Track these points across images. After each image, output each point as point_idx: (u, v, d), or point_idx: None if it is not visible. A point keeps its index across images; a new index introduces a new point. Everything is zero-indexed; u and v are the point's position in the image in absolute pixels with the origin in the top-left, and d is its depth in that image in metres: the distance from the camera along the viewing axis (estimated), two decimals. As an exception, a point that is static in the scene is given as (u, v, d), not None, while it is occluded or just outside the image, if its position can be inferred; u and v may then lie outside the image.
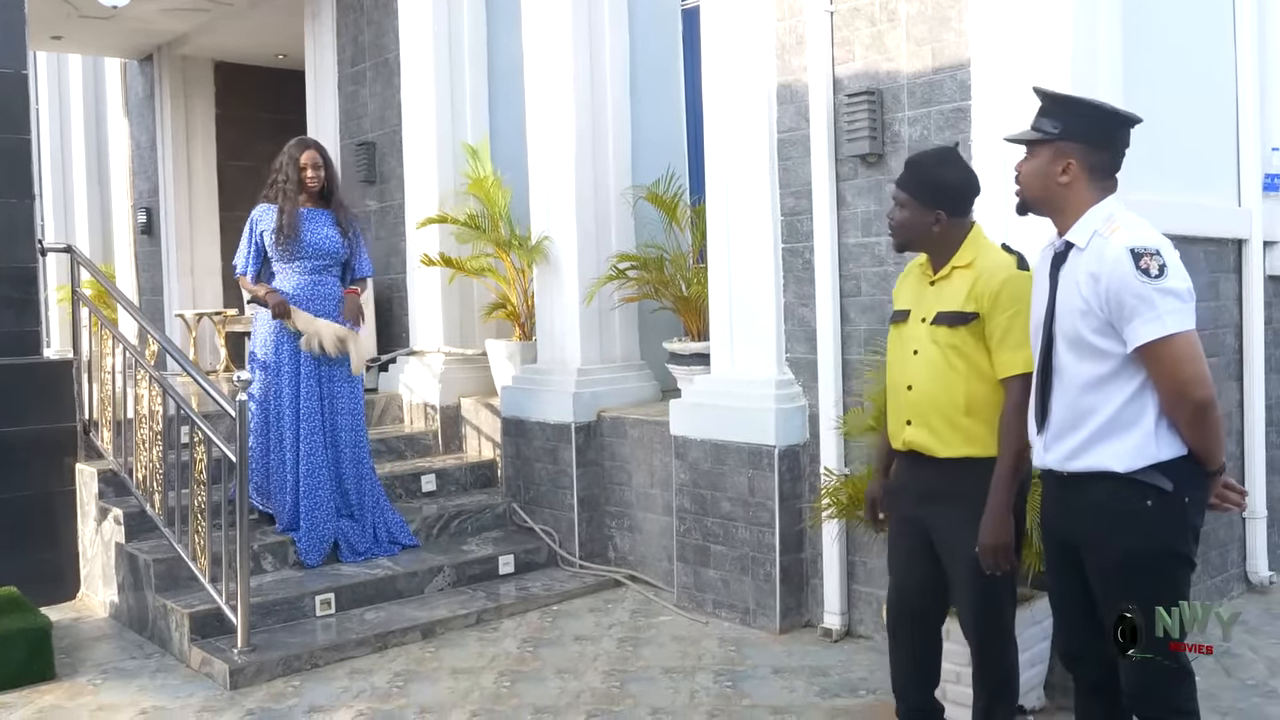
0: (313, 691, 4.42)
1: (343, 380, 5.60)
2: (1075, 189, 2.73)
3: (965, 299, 3.14)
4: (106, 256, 11.62)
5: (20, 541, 5.51)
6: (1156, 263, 2.54)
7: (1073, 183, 2.73)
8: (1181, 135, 4.90)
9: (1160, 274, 2.53)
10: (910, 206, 3.23)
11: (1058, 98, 2.81)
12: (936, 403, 3.18)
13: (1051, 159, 2.74)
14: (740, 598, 5.08)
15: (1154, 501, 2.62)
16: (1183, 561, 2.71)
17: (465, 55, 7.00)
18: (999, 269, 3.14)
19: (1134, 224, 2.67)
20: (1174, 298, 2.54)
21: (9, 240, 5.77)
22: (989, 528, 3.06)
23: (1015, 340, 3.03)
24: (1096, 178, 2.73)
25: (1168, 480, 2.60)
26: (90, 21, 9.04)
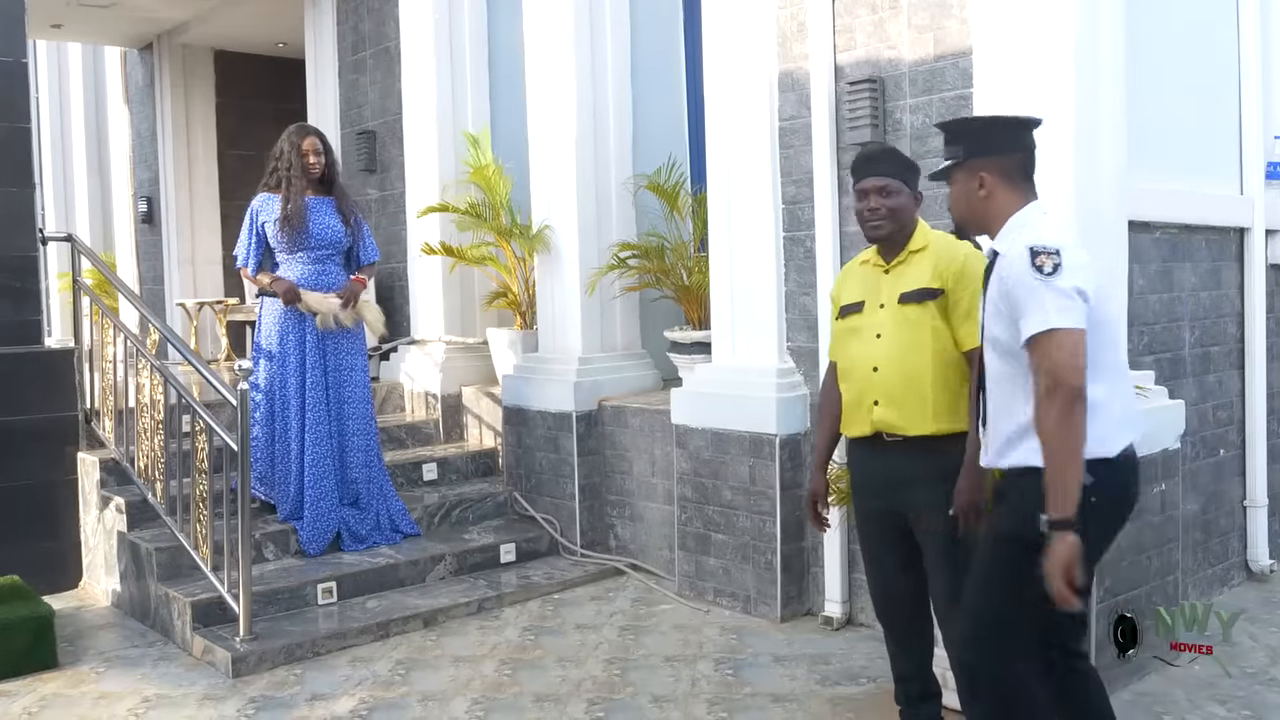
0: (315, 680, 4.43)
1: (350, 369, 5.60)
2: (996, 200, 2.85)
3: (931, 277, 3.25)
4: (107, 245, 11.61)
5: (22, 530, 5.52)
6: (1051, 261, 2.61)
7: (991, 195, 2.85)
8: (1184, 123, 4.90)
9: (1054, 272, 2.60)
10: (903, 193, 3.33)
11: (954, 124, 3.01)
12: (907, 380, 3.24)
13: (967, 179, 2.88)
14: (741, 586, 5.09)
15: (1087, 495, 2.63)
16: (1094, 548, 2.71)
17: (466, 43, 6.99)
18: (957, 248, 3.28)
19: (1044, 226, 2.76)
20: (1064, 296, 2.59)
21: (9, 229, 5.77)
22: (964, 485, 3.11)
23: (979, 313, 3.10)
24: (1013, 184, 2.85)
25: (1087, 475, 2.60)
26: (90, 9, 9.02)
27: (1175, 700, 3.99)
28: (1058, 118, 4.04)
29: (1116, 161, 4.22)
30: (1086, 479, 2.56)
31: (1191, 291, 4.96)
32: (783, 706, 4.03)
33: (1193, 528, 4.91)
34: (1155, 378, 4.50)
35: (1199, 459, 4.99)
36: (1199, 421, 4.96)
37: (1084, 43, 4.04)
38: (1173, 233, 4.83)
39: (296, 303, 5.44)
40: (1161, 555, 4.29)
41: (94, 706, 4.21)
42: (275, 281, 5.46)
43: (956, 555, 3.17)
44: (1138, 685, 4.11)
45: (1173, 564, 4.36)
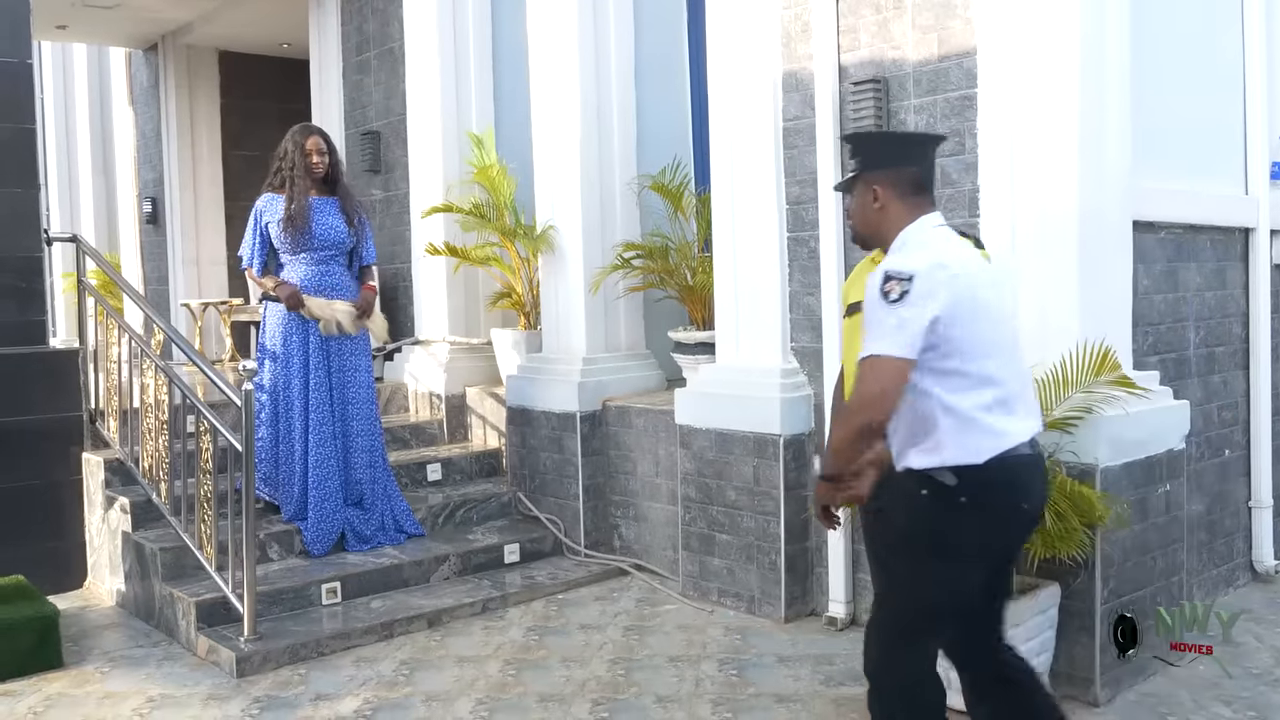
0: (319, 680, 4.43)
1: (354, 369, 5.60)
2: (889, 213, 2.90)
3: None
4: (112, 246, 11.63)
5: (27, 530, 5.53)
6: (899, 288, 2.65)
7: (885, 207, 2.90)
8: (1189, 123, 4.90)
9: (898, 299, 2.65)
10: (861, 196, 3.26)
11: (853, 137, 3.13)
12: None
13: (864, 191, 2.94)
14: (745, 586, 5.09)
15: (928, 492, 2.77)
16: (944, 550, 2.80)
17: (470, 44, 6.99)
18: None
19: (916, 248, 2.81)
20: (898, 325, 2.65)
21: (14, 230, 5.78)
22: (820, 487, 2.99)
23: None
24: (905, 197, 2.89)
25: (953, 477, 2.73)
26: (95, 10, 9.04)
27: (1180, 701, 3.98)
28: (1062, 117, 4.05)
29: (1121, 161, 4.22)
30: (952, 480, 2.72)
31: (1196, 292, 4.96)
32: (787, 707, 4.03)
33: (1198, 528, 4.90)
34: (1160, 378, 4.49)
35: (1204, 459, 4.99)
36: (1204, 422, 4.96)
37: (1089, 42, 4.04)
38: (1177, 233, 4.82)
39: (300, 309, 5.44)
40: (1166, 556, 4.28)
41: (99, 706, 4.21)
42: (279, 286, 5.46)
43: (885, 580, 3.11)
44: (1142, 686, 4.11)
45: (1177, 565, 4.36)
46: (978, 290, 2.76)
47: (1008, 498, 2.81)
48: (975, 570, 2.84)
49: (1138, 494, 4.12)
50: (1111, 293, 4.26)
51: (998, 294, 2.88)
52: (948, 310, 2.68)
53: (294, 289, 5.43)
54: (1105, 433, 3.95)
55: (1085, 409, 3.91)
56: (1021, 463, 2.79)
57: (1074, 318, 4.04)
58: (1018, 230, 4.17)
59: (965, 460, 2.73)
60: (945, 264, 2.72)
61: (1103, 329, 4.02)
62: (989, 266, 3.00)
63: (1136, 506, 4.09)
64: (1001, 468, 2.75)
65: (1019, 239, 4.16)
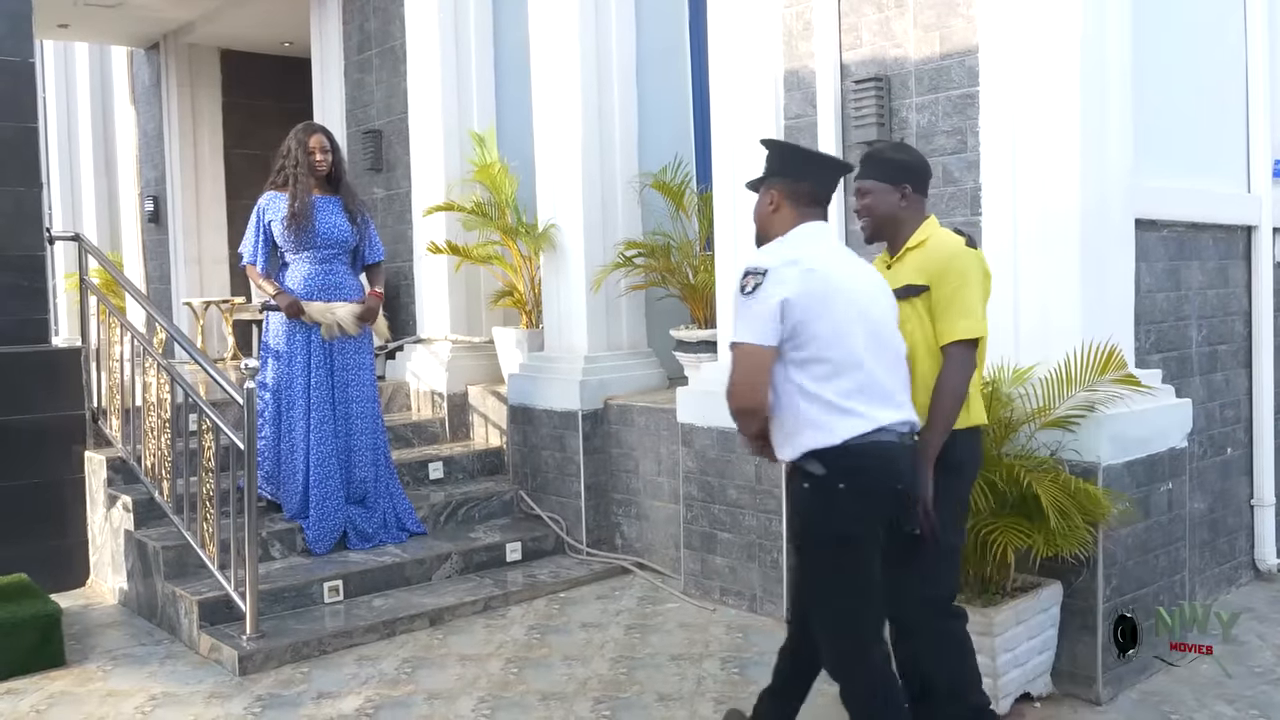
0: (321, 678, 4.43)
1: (357, 368, 5.60)
2: (781, 217, 3.16)
3: (916, 273, 3.29)
4: (114, 245, 11.65)
5: (30, 529, 5.54)
6: (753, 281, 2.94)
7: (779, 211, 3.17)
8: (1191, 121, 4.89)
9: (752, 291, 2.93)
10: (876, 191, 3.38)
11: (767, 143, 3.32)
12: None
13: (764, 194, 3.22)
14: (747, 585, 5.09)
15: (809, 484, 2.97)
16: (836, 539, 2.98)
17: (472, 42, 6.99)
18: (946, 245, 3.31)
19: (780, 247, 3.07)
20: (753, 315, 2.92)
21: (17, 229, 5.78)
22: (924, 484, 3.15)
23: (957, 310, 3.18)
24: (799, 206, 3.15)
25: (820, 466, 2.93)
26: (96, 9, 9.04)
27: (1183, 699, 3.98)
28: (1064, 115, 4.05)
29: (1123, 159, 4.22)
30: (820, 469, 2.94)
31: (1198, 290, 4.95)
32: (789, 705, 4.03)
33: (1200, 527, 4.90)
34: (1162, 376, 4.49)
35: (1206, 458, 4.98)
36: (1206, 420, 4.95)
37: (1090, 40, 4.04)
38: (1180, 231, 4.82)
39: (299, 316, 5.43)
40: (1169, 554, 4.28)
41: (101, 704, 4.22)
42: (279, 295, 5.46)
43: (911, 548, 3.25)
44: (1145, 684, 4.10)
45: (1180, 563, 4.36)
46: (833, 284, 2.97)
47: (881, 480, 2.99)
48: (872, 552, 3.02)
49: (1140, 492, 4.11)
50: (1114, 291, 4.25)
51: (865, 293, 3.06)
52: (799, 299, 2.91)
53: (293, 299, 5.43)
54: (1108, 431, 3.95)
55: (1087, 407, 3.91)
56: (888, 447, 2.97)
57: (1076, 316, 4.04)
58: (1019, 228, 4.16)
59: (823, 443, 2.93)
60: (798, 260, 2.97)
61: (1105, 327, 4.02)
62: (860, 269, 3.16)
63: (1139, 505, 4.09)
64: (863, 451, 2.94)
65: (1021, 237, 4.16)
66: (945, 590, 3.34)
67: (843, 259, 3.16)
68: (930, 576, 3.29)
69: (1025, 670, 3.86)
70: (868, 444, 2.93)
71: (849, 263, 3.15)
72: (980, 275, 3.26)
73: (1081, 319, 4.03)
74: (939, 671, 3.33)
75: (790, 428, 2.99)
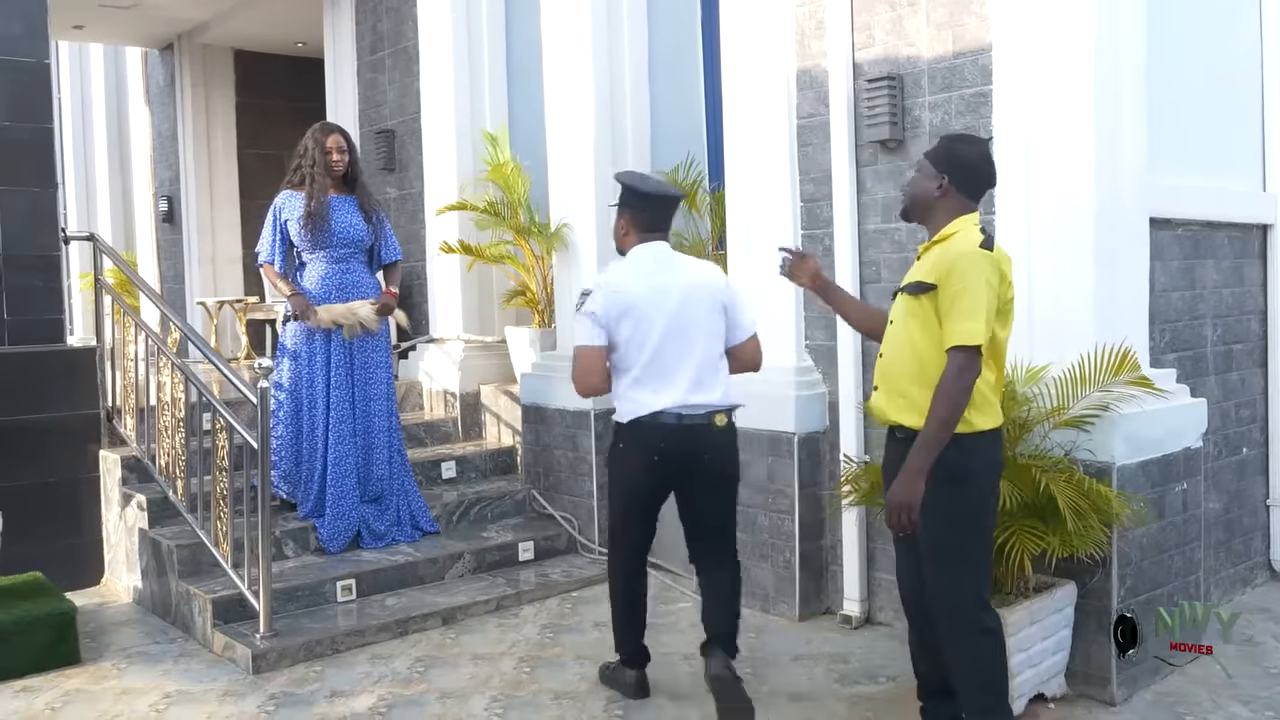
0: (334, 676, 4.45)
1: (375, 367, 5.62)
2: (628, 241, 3.99)
3: (929, 270, 3.25)
4: (128, 244, 11.70)
5: (45, 527, 5.56)
6: (581, 300, 3.89)
7: (627, 234, 3.99)
8: (1205, 119, 4.87)
9: (581, 305, 3.87)
10: (922, 170, 3.39)
11: (618, 178, 4.06)
12: (893, 369, 3.34)
13: (617, 219, 4.03)
14: (759, 585, 5.08)
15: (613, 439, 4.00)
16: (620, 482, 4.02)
17: (484, 42, 7.00)
18: (959, 245, 3.24)
19: (607, 272, 3.98)
20: (582, 324, 3.86)
21: (32, 228, 5.81)
22: (897, 484, 3.16)
23: (960, 313, 3.13)
24: (638, 231, 3.96)
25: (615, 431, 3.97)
26: (111, 10, 9.08)
27: (1197, 700, 3.97)
28: (1078, 114, 4.03)
29: (1137, 158, 4.20)
30: (615, 431, 3.95)
31: (1213, 289, 4.93)
32: (801, 705, 4.03)
33: (1215, 527, 4.88)
34: (1177, 376, 4.47)
35: (1221, 457, 4.96)
36: (1221, 420, 4.93)
37: (1105, 38, 4.02)
38: (1194, 229, 4.80)
39: (307, 320, 5.45)
40: (1183, 554, 4.26)
41: (116, 702, 4.24)
42: (294, 296, 5.48)
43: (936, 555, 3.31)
44: (1159, 685, 4.09)
45: (1195, 563, 4.34)
46: (633, 303, 3.81)
47: (647, 448, 3.85)
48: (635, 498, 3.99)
49: (1155, 492, 4.10)
50: (1128, 290, 4.24)
51: (656, 307, 3.82)
52: (606, 315, 3.82)
53: (306, 302, 5.45)
54: (1122, 431, 3.93)
55: (1102, 407, 3.89)
56: (655, 424, 3.82)
57: (1090, 315, 4.02)
58: (1033, 227, 4.15)
59: (616, 417, 3.94)
60: (612, 285, 3.86)
61: (1119, 327, 4.00)
62: (673, 281, 3.88)
63: (1153, 505, 4.08)
64: (638, 424, 3.85)
65: (1035, 236, 4.15)
66: (960, 599, 3.29)
67: (656, 274, 3.88)
68: (937, 582, 3.29)
69: (1039, 671, 3.85)
70: (636, 421, 3.85)
71: (663, 276, 3.88)
72: (986, 277, 3.15)
73: (1096, 318, 4.02)
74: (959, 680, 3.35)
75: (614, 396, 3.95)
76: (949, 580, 3.29)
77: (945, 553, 3.27)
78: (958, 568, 3.28)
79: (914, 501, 3.13)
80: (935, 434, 3.12)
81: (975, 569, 3.31)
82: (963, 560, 3.28)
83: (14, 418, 5.44)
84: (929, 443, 3.13)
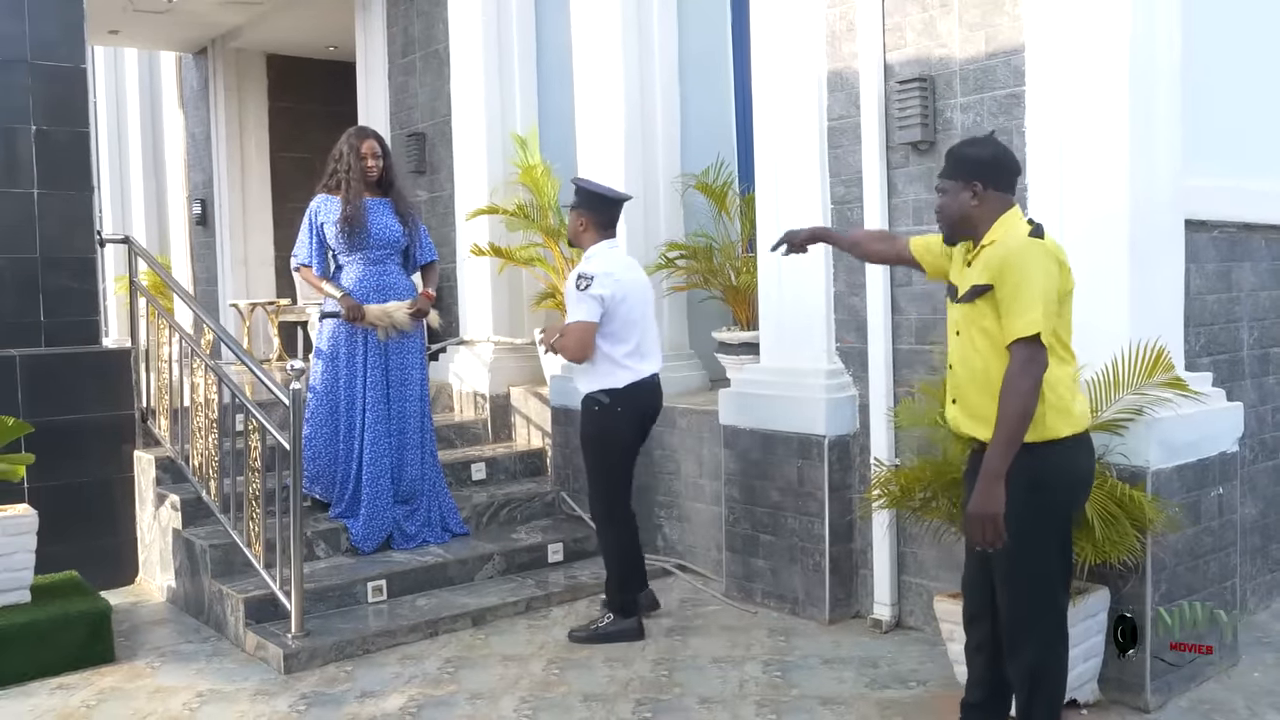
0: (365, 676, 4.47)
1: (409, 368, 5.65)
2: (586, 237, 4.80)
3: (982, 271, 3.16)
4: (163, 247, 11.82)
5: (81, 526, 5.62)
6: (585, 283, 4.58)
7: (587, 231, 4.79)
8: (1242, 119, 4.81)
9: (585, 289, 4.58)
10: (949, 189, 3.29)
11: (575, 182, 4.89)
12: (964, 382, 3.25)
13: (575, 218, 4.82)
14: (789, 588, 5.07)
15: (598, 408, 4.71)
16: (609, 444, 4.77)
17: (514, 45, 7.02)
18: (1011, 239, 3.15)
19: (596, 260, 4.70)
20: (589, 303, 4.59)
21: (69, 231, 5.88)
22: (976, 495, 3.04)
23: (1019, 307, 3.02)
24: (597, 228, 4.78)
25: (606, 397, 4.69)
26: (146, 15, 9.18)
27: (1234, 708, 3.92)
28: (1113, 115, 3.99)
29: (1172, 159, 4.15)
30: (604, 397, 4.69)
31: (1250, 292, 4.87)
32: (831, 709, 4.01)
33: (1252, 533, 4.81)
34: (1213, 379, 4.41)
35: (1258, 462, 4.90)
36: (1258, 424, 4.87)
37: (1140, 39, 3.98)
38: (1230, 231, 4.74)
39: (359, 321, 5.48)
40: (1219, 560, 4.21)
41: (150, 700, 4.28)
42: (344, 298, 5.51)
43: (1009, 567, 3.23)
44: (1195, 692, 4.04)
45: (1231, 569, 4.28)
46: (626, 288, 4.67)
47: (642, 406, 4.79)
48: (628, 452, 4.82)
49: (1189, 497, 4.05)
50: (1163, 292, 4.19)
51: (640, 294, 4.77)
52: (612, 298, 4.61)
53: (355, 303, 5.48)
54: (1157, 435, 3.89)
55: (1136, 410, 3.85)
56: (646, 385, 4.75)
57: (1124, 318, 3.98)
58: (1066, 229, 4.10)
59: (609, 385, 4.68)
60: (610, 272, 4.64)
61: (1154, 329, 3.95)
62: (636, 273, 4.84)
63: (1188, 510, 4.03)
64: (630, 388, 4.69)
65: (1067, 238, 4.07)
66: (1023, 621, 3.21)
67: (627, 267, 4.81)
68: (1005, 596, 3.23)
69: (1072, 676, 3.79)
70: (634, 385, 4.70)
71: (631, 269, 4.82)
72: (1044, 266, 3.04)
73: (1130, 321, 3.97)
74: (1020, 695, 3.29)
75: (592, 375, 4.71)
76: (1007, 593, 3.21)
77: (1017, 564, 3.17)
78: (1023, 585, 3.19)
79: (995, 511, 3.00)
80: (1007, 435, 3.00)
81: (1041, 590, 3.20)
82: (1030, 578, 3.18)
83: (50, 418, 5.50)
84: (1001, 445, 3.00)
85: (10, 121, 5.75)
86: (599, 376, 4.70)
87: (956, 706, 3.58)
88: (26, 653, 4.50)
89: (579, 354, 4.64)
